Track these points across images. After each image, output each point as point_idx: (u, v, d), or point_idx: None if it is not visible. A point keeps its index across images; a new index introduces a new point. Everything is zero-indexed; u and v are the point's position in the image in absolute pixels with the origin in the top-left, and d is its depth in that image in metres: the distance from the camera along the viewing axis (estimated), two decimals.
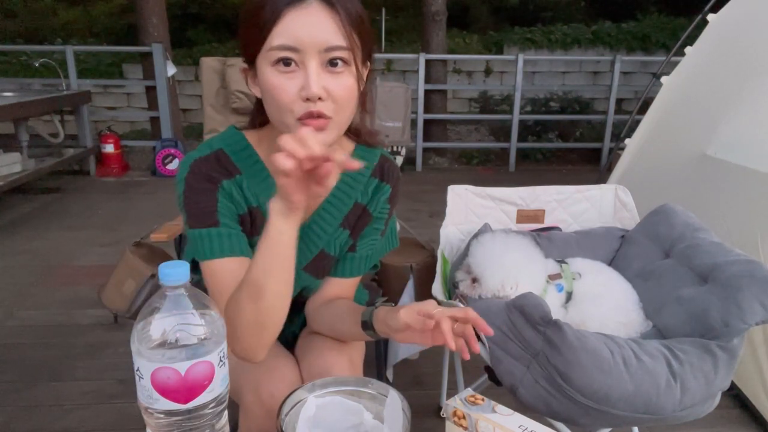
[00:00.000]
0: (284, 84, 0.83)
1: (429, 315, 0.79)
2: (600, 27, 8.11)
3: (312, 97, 0.82)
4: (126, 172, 5.23)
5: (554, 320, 1.12)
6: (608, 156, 5.18)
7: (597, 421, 1.18)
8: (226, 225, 0.93)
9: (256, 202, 0.97)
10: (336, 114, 0.85)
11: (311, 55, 0.82)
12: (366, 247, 1.07)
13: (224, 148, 0.96)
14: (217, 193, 0.93)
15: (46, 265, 3.07)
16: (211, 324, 0.67)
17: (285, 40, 0.81)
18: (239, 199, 0.96)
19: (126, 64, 7.13)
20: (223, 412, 0.71)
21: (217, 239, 0.92)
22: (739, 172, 1.99)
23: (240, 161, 0.96)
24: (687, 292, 1.32)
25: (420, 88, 5.35)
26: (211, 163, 0.94)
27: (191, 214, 0.93)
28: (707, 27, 2.57)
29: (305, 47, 0.81)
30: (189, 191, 0.92)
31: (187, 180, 0.92)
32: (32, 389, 1.97)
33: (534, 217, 1.71)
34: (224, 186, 0.94)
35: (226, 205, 0.94)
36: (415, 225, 1.91)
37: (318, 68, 0.82)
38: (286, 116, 0.85)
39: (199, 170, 0.93)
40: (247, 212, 0.97)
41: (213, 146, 0.96)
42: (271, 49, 0.82)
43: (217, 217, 0.93)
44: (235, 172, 0.95)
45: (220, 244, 0.92)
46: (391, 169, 1.06)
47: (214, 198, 0.93)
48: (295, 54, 0.82)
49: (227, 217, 0.94)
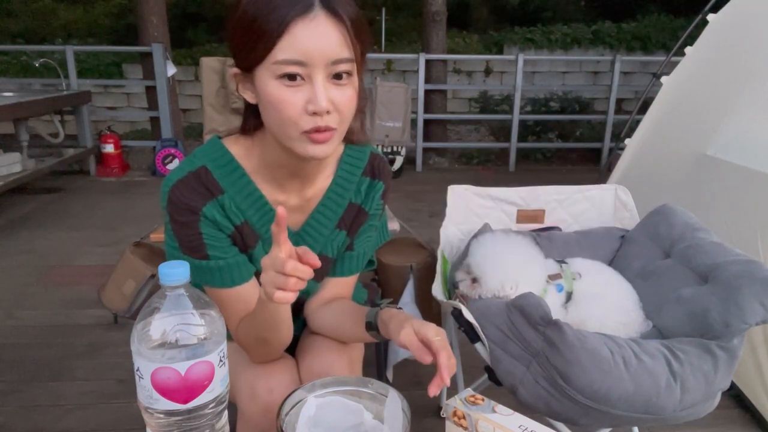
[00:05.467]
0: (290, 98, 0.80)
1: (428, 343, 0.80)
2: (600, 27, 8.11)
3: (320, 111, 0.80)
4: (126, 172, 5.22)
5: (554, 320, 1.12)
6: (608, 156, 5.19)
7: (597, 421, 1.18)
8: (216, 257, 0.93)
9: (242, 218, 0.95)
10: (340, 125, 0.85)
11: (318, 69, 0.79)
12: (362, 245, 1.08)
13: (207, 164, 0.93)
14: (199, 224, 0.91)
15: (46, 265, 3.06)
16: (211, 324, 0.67)
17: (292, 55, 0.78)
18: (223, 221, 0.94)
19: (126, 64, 7.13)
20: (223, 412, 0.71)
21: (208, 272, 0.93)
22: (739, 172, 1.99)
23: (223, 178, 0.93)
24: (687, 292, 1.32)
25: (420, 88, 5.35)
26: (190, 185, 0.91)
27: (181, 244, 0.93)
28: (707, 27, 2.57)
29: (312, 61, 0.79)
30: (173, 223, 0.92)
31: (169, 211, 0.91)
32: (32, 389, 1.97)
33: (534, 217, 1.71)
34: (205, 214, 0.91)
35: (212, 233, 0.93)
36: (415, 225, 1.92)
37: (324, 81, 0.80)
38: (290, 130, 0.83)
39: (177, 200, 0.90)
40: (234, 231, 0.96)
41: (194, 163, 0.93)
42: (276, 63, 0.79)
43: (205, 251, 0.92)
44: (216, 191, 0.92)
45: (212, 276, 0.94)
46: (382, 166, 1.06)
47: (197, 231, 0.91)
48: (302, 68, 0.79)
49: (216, 248, 0.93)
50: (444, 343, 0.80)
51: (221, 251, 0.94)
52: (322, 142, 0.84)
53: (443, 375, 0.77)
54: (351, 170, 1.03)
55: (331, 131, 0.84)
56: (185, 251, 0.93)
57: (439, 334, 0.81)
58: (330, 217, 1.02)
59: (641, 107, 3.44)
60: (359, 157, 1.04)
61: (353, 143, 1.03)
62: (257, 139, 0.95)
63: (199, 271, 0.93)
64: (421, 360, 0.80)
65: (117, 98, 7.04)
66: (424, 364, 0.81)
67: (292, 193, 0.99)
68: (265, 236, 0.99)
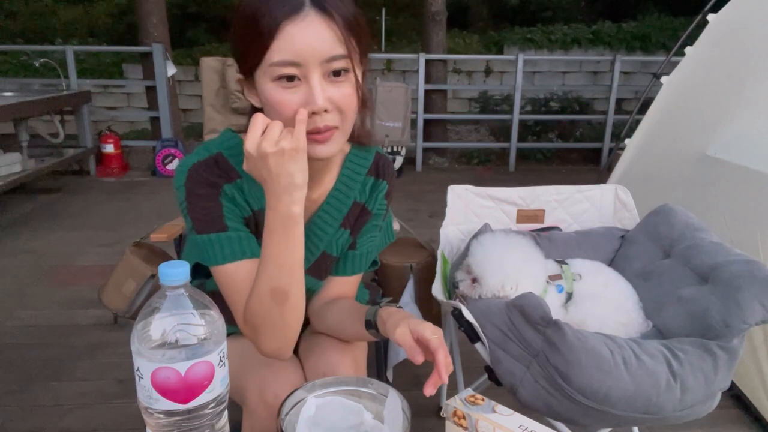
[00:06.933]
0: (287, 99, 0.81)
1: (425, 342, 0.80)
2: (600, 27, 8.11)
3: (318, 110, 0.81)
4: (126, 172, 5.22)
5: (554, 320, 1.12)
6: (608, 156, 5.19)
7: (597, 421, 1.18)
8: (235, 229, 0.93)
9: (258, 206, 0.96)
10: (342, 123, 0.85)
11: (313, 68, 0.80)
12: (366, 244, 1.08)
13: (223, 152, 0.94)
14: (220, 197, 0.92)
15: (46, 265, 3.06)
16: (211, 324, 0.67)
17: (286, 56, 0.79)
18: (242, 202, 0.95)
19: (126, 64, 7.13)
20: (223, 412, 0.71)
21: (228, 243, 0.92)
22: (739, 172, 1.99)
23: (239, 165, 0.94)
24: (687, 292, 1.32)
25: (420, 88, 5.35)
26: (210, 168, 0.92)
27: (197, 220, 0.92)
28: (707, 27, 2.56)
29: (306, 61, 0.80)
30: (191, 197, 0.91)
31: (187, 186, 0.91)
32: (32, 389, 1.97)
33: (534, 217, 1.71)
34: (226, 190, 0.93)
35: (231, 208, 0.93)
36: (415, 225, 1.92)
37: (320, 80, 0.81)
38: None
39: (198, 175, 0.91)
40: (251, 215, 0.96)
41: (211, 150, 0.94)
42: (271, 65, 0.80)
43: (224, 222, 0.92)
44: (235, 176, 0.94)
45: (231, 248, 0.92)
46: (386, 166, 1.07)
47: (218, 203, 0.92)
48: (297, 69, 0.80)
49: (234, 221, 0.93)
50: (441, 341, 0.80)
51: (238, 224, 0.94)
52: (323, 142, 0.84)
53: (441, 373, 0.78)
54: (356, 169, 1.03)
55: (331, 130, 0.84)
56: (201, 229, 0.91)
57: (436, 333, 0.81)
58: (335, 216, 1.03)
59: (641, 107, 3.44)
60: (365, 157, 1.04)
61: (362, 144, 1.04)
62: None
63: (217, 246, 0.91)
64: (413, 359, 0.81)
65: (117, 98, 7.03)
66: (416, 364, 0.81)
67: None
68: None
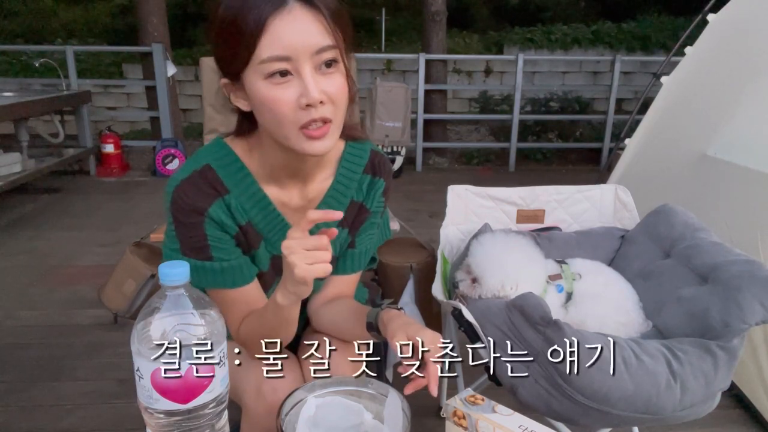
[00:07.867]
0: (281, 96, 0.81)
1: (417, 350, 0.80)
2: (600, 27, 8.11)
3: (314, 102, 0.81)
4: (126, 172, 5.22)
5: (554, 320, 1.12)
6: (608, 156, 5.19)
7: (597, 421, 1.18)
8: (220, 259, 0.93)
9: (246, 218, 0.96)
10: (335, 115, 0.85)
11: (304, 61, 0.80)
12: (364, 242, 1.08)
13: (211, 163, 0.93)
14: (204, 225, 0.91)
15: (46, 265, 3.06)
16: (211, 324, 0.67)
17: (275, 51, 0.79)
18: (228, 221, 0.94)
19: (126, 64, 7.13)
20: (223, 412, 0.71)
21: (212, 274, 0.93)
22: (739, 173, 1.99)
23: (228, 177, 0.93)
24: (687, 292, 1.32)
25: (420, 88, 5.34)
26: (195, 186, 0.91)
27: (183, 245, 0.92)
28: (707, 27, 2.56)
29: (297, 54, 0.79)
30: (177, 224, 0.91)
31: (172, 212, 0.91)
32: (32, 389, 1.97)
33: (534, 217, 1.71)
34: (211, 215, 0.91)
35: (216, 235, 0.92)
36: (415, 225, 1.92)
37: (312, 72, 0.81)
38: (286, 128, 0.83)
39: (182, 201, 0.90)
40: (239, 231, 0.96)
41: (199, 161, 0.93)
42: (261, 62, 0.79)
43: (209, 252, 0.92)
44: (222, 191, 0.93)
45: (215, 278, 0.93)
46: (382, 163, 1.06)
47: (202, 232, 0.91)
48: (288, 63, 0.80)
49: (220, 249, 0.93)
50: (437, 351, 0.80)
51: (225, 253, 0.93)
52: (319, 138, 0.84)
53: (431, 387, 0.78)
54: (352, 168, 1.03)
55: (327, 124, 0.84)
56: (188, 253, 0.92)
57: (434, 342, 0.80)
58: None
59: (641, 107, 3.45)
60: (360, 155, 1.04)
61: (354, 139, 1.04)
62: (255, 141, 0.95)
63: (201, 273, 0.93)
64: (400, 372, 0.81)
65: (117, 98, 7.03)
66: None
67: (294, 193, 0.99)
68: (268, 236, 0.99)
